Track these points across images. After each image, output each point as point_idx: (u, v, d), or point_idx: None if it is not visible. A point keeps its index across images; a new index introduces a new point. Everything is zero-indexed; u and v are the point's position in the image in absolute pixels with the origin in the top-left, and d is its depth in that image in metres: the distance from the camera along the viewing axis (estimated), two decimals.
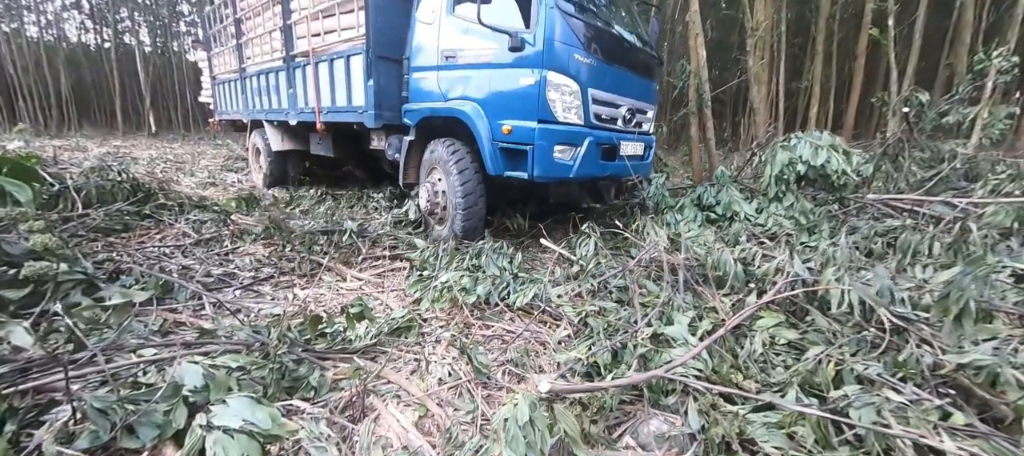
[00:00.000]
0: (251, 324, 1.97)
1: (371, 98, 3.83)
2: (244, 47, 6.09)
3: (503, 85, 3.14)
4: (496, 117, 3.15)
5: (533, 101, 2.97)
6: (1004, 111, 5.97)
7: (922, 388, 1.65)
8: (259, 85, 5.84)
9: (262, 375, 1.55)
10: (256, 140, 6.42)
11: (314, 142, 5.54)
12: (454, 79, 3.43)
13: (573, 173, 3.17)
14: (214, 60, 7.32)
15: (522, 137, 3.03)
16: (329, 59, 4.33)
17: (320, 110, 4.59)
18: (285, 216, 4.09)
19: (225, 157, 10.40)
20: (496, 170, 3.20)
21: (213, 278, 2.68)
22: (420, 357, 1.94)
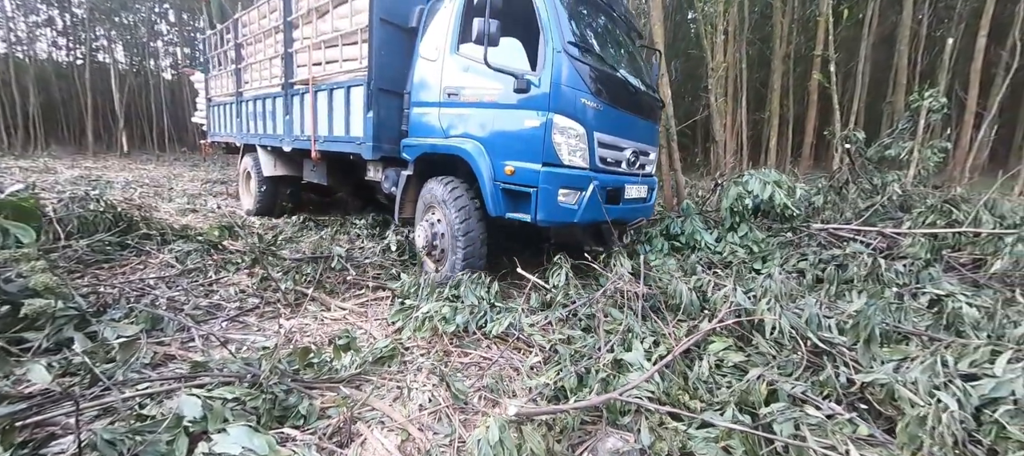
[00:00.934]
0: (242, 356, 2.10)
1: (371, 130, 3.85)
2: (243, 72, 6.19)
3: (507, 125, 3.13)
4: (499, 157, 3.13)
5: (538, 143, 2.94)
6: (938, 145, 6.65)
7: (840, 404, 1.92)
8: (255, 110, 5.93)
9: (255, 405, 1.69)
10: (247, 164, 6.45)
11: (308, 169, 5.60)
12: (456, 116, 3.41)
13: (578, 217, 3.09)
14: (211, 83, 7.42)
15: (525, 179, 2.99)
16: (329, 88, 4.39)
17: (316, 138, 4.63)
18: (269, 247, 4.18)
19: (203, 180, 10.31)
20: (497, 211, 3.15)
21: (201, 310, 2.78)
22: (402, 385, 2.11)
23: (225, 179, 10.38)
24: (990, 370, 1.97)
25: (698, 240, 4.19)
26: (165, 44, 27.23)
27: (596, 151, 3.22)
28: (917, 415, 1.52)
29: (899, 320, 2.93)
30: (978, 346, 2.23)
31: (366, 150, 3.93)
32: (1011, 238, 3.39)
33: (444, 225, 3.44)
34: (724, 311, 2.31)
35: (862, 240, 3.94)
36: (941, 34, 12.05)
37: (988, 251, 3.67)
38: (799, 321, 2.24)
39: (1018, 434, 1.52)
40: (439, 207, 3.47)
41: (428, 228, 3.55)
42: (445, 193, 3.40)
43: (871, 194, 5.03)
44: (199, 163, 15.96)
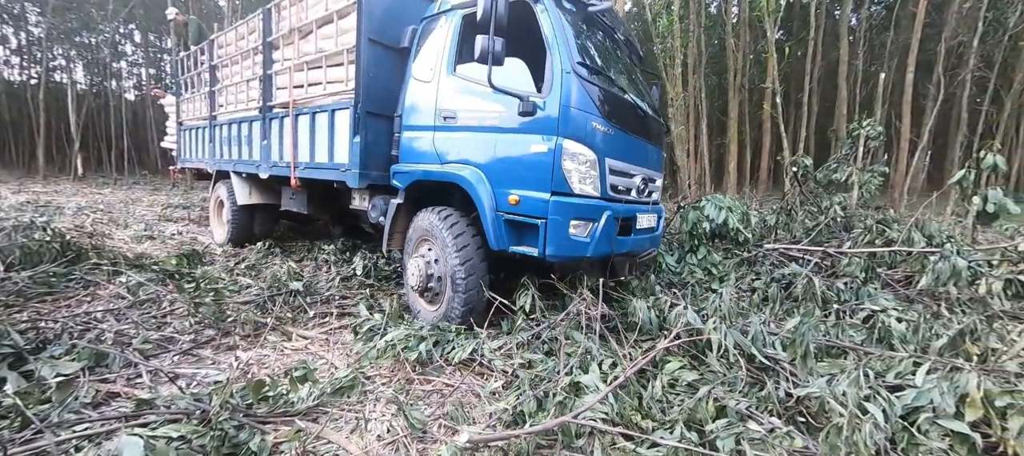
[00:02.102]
0: (191, 392, 2.04)
1: (357, 156, 3.56)
2: (217, 94, 5.91)
3: (510, 151, 2.91)
4: (501, 185, 2.90)
5: (546, 171, 2.73)
6: (877, 170, 7.23)
7: (780, 418, 2.04)
8: (230, 134, 5.63)
9: (202, 443, 1.65)
10: (220, 192, 6.08)
11: (286, 197, 5.26)
12: (453, 141, 3.17)
13: (590, 251, 2.86)
14: (183, 106, 7.08)
15: (532, 210, 2.76)
16: (311, 112, 4.12)
17: (297, 165, 4.35)
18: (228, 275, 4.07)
19: (163, 205, 9.92)
20: (500, 245, 2.89)
21: (151, 344, 2.68)
22: (361, 416, 2.09)
23: (187, 204, 10.02)
24: (912, 381, 2.15)
25: (660, 262, 4.37)
26: (129, 65, 26.44)
27: (607, 178, 2.99)
28: (836, 425, 1.65)
29: (838, 335, 3.15)
30: (902, 358, 2.43)
31: (352, 178, 3.65)
32: (935, 257, 3.72)
33: (440, 261, 3.14)
34: (677, 330, 2.42)
35: (808, 258, 4.22)
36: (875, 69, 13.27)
37: (916, 268, 3.99)
38: (744, 339, 2.38)
39: (924, 441, 1.67)
40: (434, 241, 3.17)
41: (422, 265, 3.20)
42: (441, 225, 3.10)
43: (816, 215, 5.40)
44: (161, 187, 15.33)
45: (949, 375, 2.07)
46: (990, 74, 13.21)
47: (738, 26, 13.20)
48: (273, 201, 5.55)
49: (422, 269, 3.20)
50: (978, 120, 14.06)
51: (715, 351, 2.30)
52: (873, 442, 1.69)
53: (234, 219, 5.69)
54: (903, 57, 12.71)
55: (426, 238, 3.27)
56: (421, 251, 3.31)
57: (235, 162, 5.51)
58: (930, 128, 11.63)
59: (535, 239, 2.77)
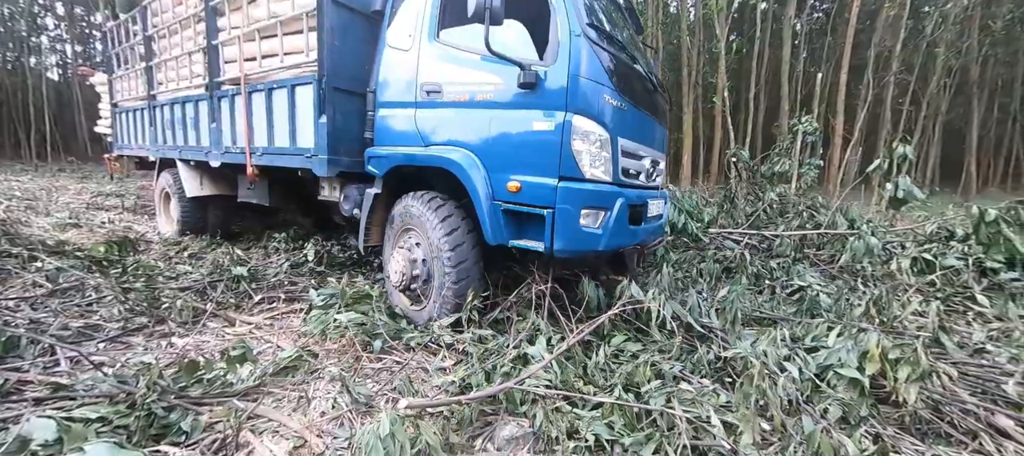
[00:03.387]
0: (115, 375, 1.92)
1: (324, 139, 3.12)
2: (155, 70, 5.14)
3: (509, 130, 2.53)
4: (499, 170, 2.54)
5: (553, 152, 2.37)
6: (813, 163, 7.83)
7: (708, 378, 2.21)
8: (173, 116, 4.89)
9: (126, 424, 1.57)
10: (165, 183, 5.31)
11: (244, 187, 4.57)
12: (439, 120, 2.79)
13: (603, 244, 2.49)
14: (116, 85, 6.19)
15: (536, 198, 2.42)
16: (267, 88, 3.56)
17: (253, 151, 3.79)
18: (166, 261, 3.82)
19: (93, 193, 9.09)
20: (498, 238, 2.54)
21: (71, 331, 2.48)
22: (304, 395, 2.05)
23: (121, 192, 9.24)
24: (826, 343, 2.39)
25: None
26: (51, 40, 23.83)
27: (619, 160, 2.65)
28: (749, 375, 1.81)
29: (772, 308, 3.43)
30: (820, 324, 2.69)
31: (319, 165, 3.19)
32: (853, 237, 4.10)
33: (427, 255, 2.80)
34: (620, 304, 2.54)
35: (748, 241, 4.53)
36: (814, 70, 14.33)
37: (839, 248, 4.39)
38: (682, 309, 2.54)
39: (830, 392, 1.87)
40: (419, 231, 2.83)
41: (405, 258, 2.85)
42: (428, 213, 2.74)
43: (755, 203, 5.79)
44: (91, 174, 14.02)
45: (855, 336, 2.32)
46: (910, 78, 14.57)
47: (693, 25, 13.77)
48: (229, 192, 4.88)
49: (405, 264, 2.84)
50: (900, 119, 15.49)
51: (655, 320, 2.43)
52: (785, 393, 1.87)
53: (184, 213, 5.06)
54: (839, 60, 13.77)
55: (409, 228, 2.92)
56: (405, 242, 2.94)
57: (181, 149, 4.82)
58: (861, 126, 12.70)
59: (540, 232, 2.42)
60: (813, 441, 1.53)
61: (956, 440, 1.88)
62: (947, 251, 3.96)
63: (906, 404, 1.93)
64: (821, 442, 1.52)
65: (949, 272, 3.69)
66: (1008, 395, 2.07)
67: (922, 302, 3.21)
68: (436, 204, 2.79)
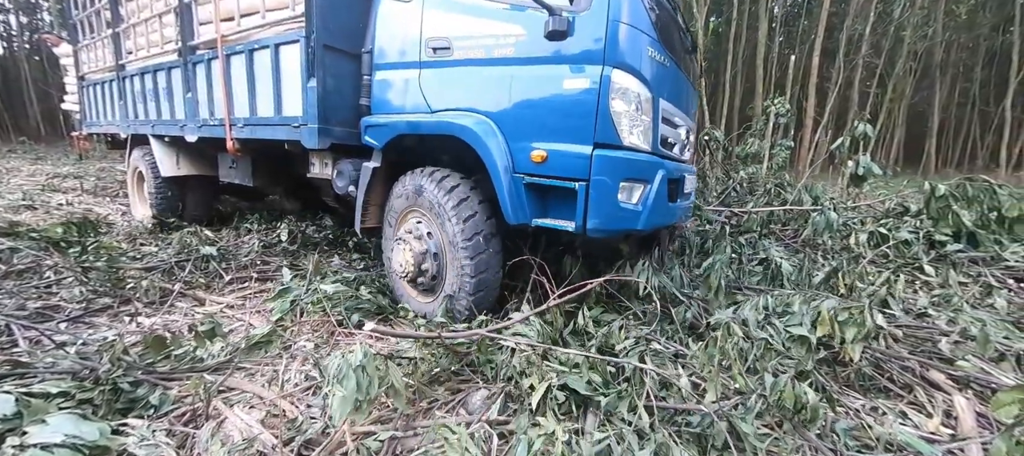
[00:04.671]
0: (78, 352, 1.88)
1: (314, 106, 2.78)
2: (123, 37, 4.63)
3: (533, 91, 2.21)
4: (520, 137, 2.22)
5: (588, 114, 2.06)
6: (784, 144, 8.07)
7: (683, 343, 2.32)
8: (144, 87, 4.43)
9: (89, 398, 1.55)
10: (138, 161, 4.83)
11: (225, 166, 4.19)
12: (448, 81, 2.48)
13: (642, 223, 2.21)
14: (82, 55, 5.60)
15: (567, 169, 2.11)
16: (247, 50, 3.17)
17: (233, 122, 3.43)
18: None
19: (49, 175, 8.60)
20: (520, 217, 2.24)
21: (28, 311, 2.40)
22: (277, 370, 2.06)
23: (80, 173, 8.77)
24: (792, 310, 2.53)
25: None
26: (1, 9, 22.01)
27: (660, 127, 2.36)
28: (713, 338, 1.92)
29: (739, 278, 3.58)
30: (787, 293, 2.84)
31: (308, 135, 2.86)
32: (815, 213, 4.30)
33: (436, 239, 2.52)
34: (605, 278, 2.59)
35: (718, 218, 4.68)
36: (789, 52, 14.63)
37: (803, 224, 4.60)
38: (668, 280, 2.64)
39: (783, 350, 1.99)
40: (427, 213, 2.54)
41: (411, 246, 2.55)
42: (438, 193, 2.43)
43: (725, 181, 5.97)
44: (45, 155, 13.22)
45: (810, 302, 2.47)
46: (878, 61, 15.05)
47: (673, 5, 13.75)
48: (209, 172, 4.49)
49: (411, 251, 2.54)
50: (868, 101, 16.05)
51: (641, 291, 2.51)
52: (745, 354, 1.99)
53: (158, 195, 4.61)
54: (812, 43, 14.08)
55: (415, 209, 2.62)
56: (408, 227, 2.64)
57: (153, 123, 4.39)
58: (832, 108, 13.11)
59: (570, 209, 2.13)
60: (776, 391, 1.64)
61: (894, 393, 2.04)
62: (900, 226, 4.20)
63: (852, 363, 2.08)
64: (785, 393, 1.63)
65: (901, 245, 3.91)
66: (943, 353, 2.25)
67: (875, 272, 3.43)
68: (449, 184, 2.45)
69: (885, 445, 1.61)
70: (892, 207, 4.74)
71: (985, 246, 3.70)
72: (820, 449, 1.57)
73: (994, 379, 1.98)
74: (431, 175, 2.53)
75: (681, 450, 1.49)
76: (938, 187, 3.98)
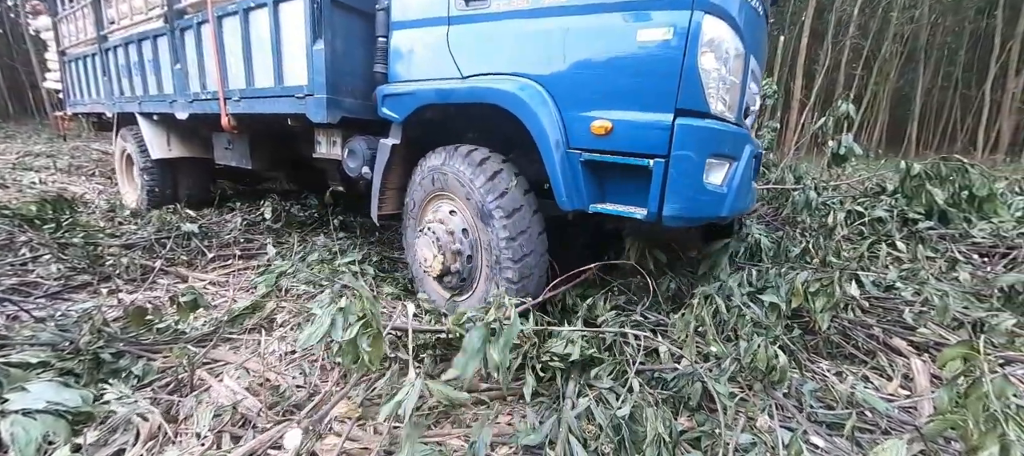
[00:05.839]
0: (57, 324, 1.87)
1: (320, 74, 2.41)
2: (104, 5, 4.24)
3: (596, 45, 1.82)
4: (577, 105, 1.86)
5: (670, 74, 1.67)
6: (770, 126, 8.15)
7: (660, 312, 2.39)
8: (128, 60, 4.04)
9: (70, 367, 1.55)
10: (126, 142, 4.48)
11: (220, 147, 3.83)
12: (484, 38, 2.08)
13: (727, 209, 1.86)
14: (62, 28, 5.14)
15: (638, 143, 1.75)
16: (241, 9, 2.78)
17: (226, 96, 3.08)
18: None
19: (20, 153, 8.29)
20: (576, 202, 1.90)
21: (3, 287, 2.36)
22: (261, 341, 2.07)
23: (52, 152, 8.47)
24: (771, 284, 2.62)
25: None
26: None
27: (747, 90, 1.99)
28: (689, 306, 2.00)
29: None
30: (766, 267, 2.93)
31: (314, 108, 2.49)
32: (796, 192, 4.40)
33: (470, 230, 2.18)
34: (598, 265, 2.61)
35: None
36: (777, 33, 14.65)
37: (784, 202, 4.70)
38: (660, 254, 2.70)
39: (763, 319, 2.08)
40: (458, 198, 2.18)
41: (439, 238, 2.21)
42: (472, 173, 2.08)
43: None
44: (14, 134, 12.70)
45: (785, 275, 2.56)
46: (864, 43, 15.15)
47: None
48: (203, 153, 4.14)
49: (442, 240, 2.20)
50: (854, 84, 16.22)
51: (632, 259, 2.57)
52: (720, 324, 2.06)
53: (149, 180, 4.28)
54: (801, 24, 14.09)
55: (443, 194, 2.26)
56: (435, 214, 2.31)
57: (140, 100, 4.02)
58: (819, 90, 13.23)
59: (639, 192, 1.78)
60: (749, 353, 1.72)
61: (858, 359, 2.15)
62: (876, 204, 4.33)
63: (821, 331, 2.18)
64: (759, 355, 1.71)
65: (875, 222, 4.04)
66: (907, 322, 2.37)
67: (849, 248, 3.55)
68: (477, 157, 2.10)
69: (845, 404, 1.70)
70: (870, 187, 4.87)
71: (955, 224, 3.85)
72: (785, 407, 1.66)
73: (950, 344, 2.09)
74: (461, 152, 2.16)
75: (655, 411, 1.56)
76: (913, 166, 4.10)
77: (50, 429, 1.25)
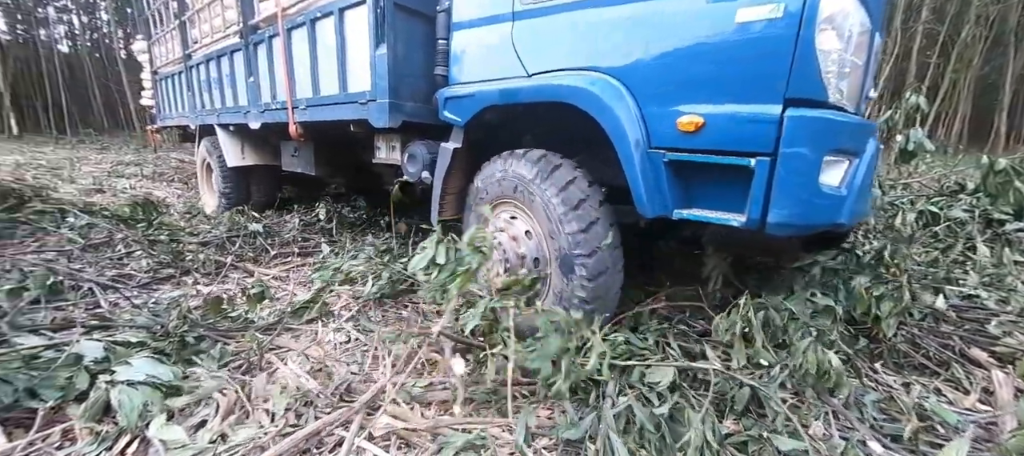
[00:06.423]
0: (149, 309, 2.13)
1: (383, 78, 2.43)
2: (189, 25, 4.64)
3: (683, 31, 1.63)
4: (661, 100, 1.69)
5: (779, 57, 1.44)
6: None
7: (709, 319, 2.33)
8: (208, 76, 4.42)
9: (161, 346, 1.76)
10: (206, 152, 4.91)
11: (287, 154, 4.07)
12: (551, 33, 1.98)
13: (846, 214, 1.60)
14: (155, 49, 5.76)
15: (736, 139, 1.53)
16: (308, 20, 2.92)
17: (294, 105, 3.23)
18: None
19: (113, 162, 9.40)
20: (658, 208, 1.73)
21: (106, 278, 2.70)
22: (319, 330, 2.24)
23: (140, 161, 9.53)
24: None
25: None
26: (58, 12, 23.84)
27: (870, 74, 1.78)
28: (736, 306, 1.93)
29: None
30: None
31: (377, 113, 2.51)
32: None
33: (535, 238, 2.05)
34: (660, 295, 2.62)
35: None
36: None
37: None
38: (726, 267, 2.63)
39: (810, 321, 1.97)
40: (523, 205, 2.06)
41: (504, 245, 2.11)
42: (542, 181, 1.94)
43: None
44: (108, 145, 14.39)
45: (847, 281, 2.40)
46: (940, 27, 13.73)
47: None
48: (272, 161, 4.42)
49: (506, 255, 2.09)
50: (928, 72, 14.73)
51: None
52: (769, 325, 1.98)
53: (226, 186, 4.65)
54: None
55: (506, 200, 2.16)
56: (499, 222, 2.19)
57: (219, 112, 4.37)
58: (886, 80, 12.15)
59: (736, 195, 1.57)
60: (797, 355, 1.65)
61: (930, 371, 1.97)
62: (954, 204, 3.93)
63: (886, 339, 2.03)
64: (808, 357, 1.63)
65: (954, 224, 3.68)
66: (988, 332, 2.15)
67: (922, 253, 3.25)
68: (548, 164, 1.96)
69: (912, 416, 1.58)
70: (947, 185, 4.42)
71: None
72: (843, 416, 1.57)
73: None
74: (528, 157, 2.04)
75: (699, 414, 1.53)
76: (998, 162, 3.69)
77: (148, 399, 1.44)
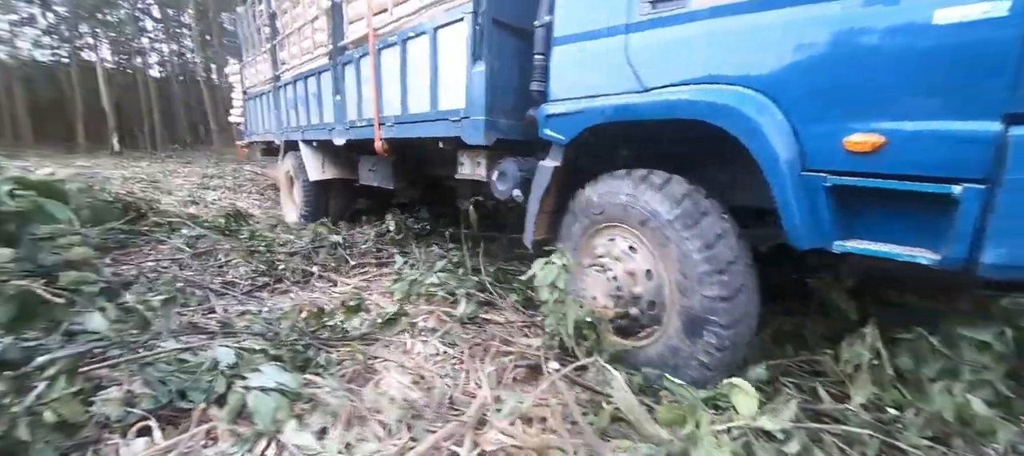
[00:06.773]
0: (263, 317, 2.30)
1: (481, 95, 2.39)
2: (279, 48, 5.02)
3: (854, 36, 1.41)
4: (822, 117, 1.48)
5: (997, 64, 1.21)
6: None
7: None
8: (295, 95, 4.73)
9: (279, 354, 1.90)
10: (289, 166, 5.25)
11: (365, 169, 4.25)
12: (677, 44, 1.79)
13: None
14: (246, 71, 6.34)
15: (933, 162, 1.32)
16: (400, 40, 2.96)
17: (381, 122, 3.30)
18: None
19: (200, 175, 10.41)
20: (815, 239, 1.53)
21: (217, 285, 2.97)
22: (408, 342, 2.32)
23: (220, 174, 10.48)
24: None
25: None
26: (151, 41, 26.99)
27: None
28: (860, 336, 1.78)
29: None
30: None
31: (471, 130, 2.47)
32: None
33: (656, 274, 1.86)
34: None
35: None
36: None
37: None
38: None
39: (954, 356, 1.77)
40: (641, 232, 1.87)
41: (618, 275, 1.94)
42: (682, 224, 1.73)
43: None
44: (192, 160, 15.97)
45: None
46: None
47: None
48: (349, 175, 4.62)
49: (619, 280, 1.92)
50: None
51: None
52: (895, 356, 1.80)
53: (306, 198, 4.95)
54: None
55: (615, 224, 2.00)
56: (604, 250, 2.03)
57: (304, 129, 4.62)
58: None
59: (924, 228, 1.37)
60: (932, 399, 1.49)
61: None
62: None
63: None
64: (942, 401, 1.46)
65: None
66: None
67: None
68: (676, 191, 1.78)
69: None
70: None
71: None
72: None
73: None
74: (648, 179, 1.86)
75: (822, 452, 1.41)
76: None
77: (278, 405, 1.55)
